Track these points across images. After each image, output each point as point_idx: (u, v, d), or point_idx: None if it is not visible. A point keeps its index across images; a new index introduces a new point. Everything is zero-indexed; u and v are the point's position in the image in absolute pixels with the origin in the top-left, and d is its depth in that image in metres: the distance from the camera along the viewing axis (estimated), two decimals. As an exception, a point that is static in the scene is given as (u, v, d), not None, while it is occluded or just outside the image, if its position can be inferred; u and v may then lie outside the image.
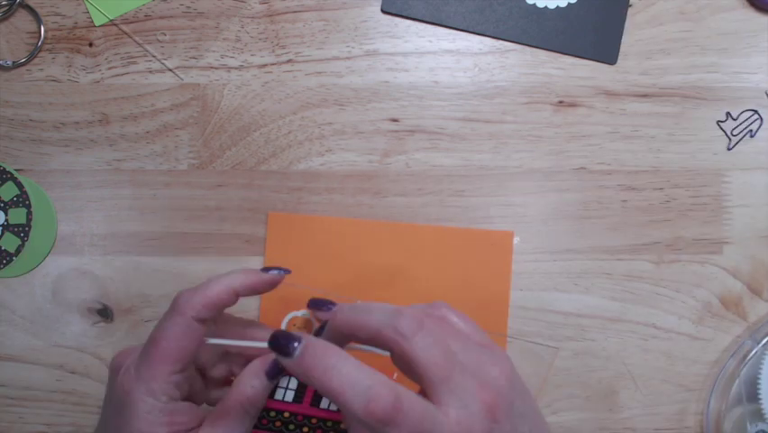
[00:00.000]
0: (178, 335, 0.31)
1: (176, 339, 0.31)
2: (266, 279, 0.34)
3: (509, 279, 0.46)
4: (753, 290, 0.47)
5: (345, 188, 0.46)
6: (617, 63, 0.47)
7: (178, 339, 0.31)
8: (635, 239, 0.47)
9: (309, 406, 0.34)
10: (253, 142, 0.46)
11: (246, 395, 0.32)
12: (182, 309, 0.32)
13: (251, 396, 0.32)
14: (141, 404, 0.31)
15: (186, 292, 0.32)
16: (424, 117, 0.46)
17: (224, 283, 0.33)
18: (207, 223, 0.46)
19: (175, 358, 0.31)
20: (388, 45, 0.46)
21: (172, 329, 0.31)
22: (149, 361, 0.31)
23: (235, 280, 0.33)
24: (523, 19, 0.46)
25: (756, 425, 0.45)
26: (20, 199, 0.46)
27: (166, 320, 0.32)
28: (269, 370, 0.32)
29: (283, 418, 0.34)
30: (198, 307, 0.32)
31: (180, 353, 0.31)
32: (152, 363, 0.31)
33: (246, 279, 0.33)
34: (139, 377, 0.31)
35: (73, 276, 0.46)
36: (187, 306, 0.32)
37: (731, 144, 0.47)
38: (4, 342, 0.46)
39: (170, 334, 0.31)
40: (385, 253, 0.46)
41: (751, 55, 0.47)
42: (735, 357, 0.46)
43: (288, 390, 0.34)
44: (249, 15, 0.46)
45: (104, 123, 0.46)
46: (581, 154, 0.47)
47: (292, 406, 0.34)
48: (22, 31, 0.46)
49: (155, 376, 0.31)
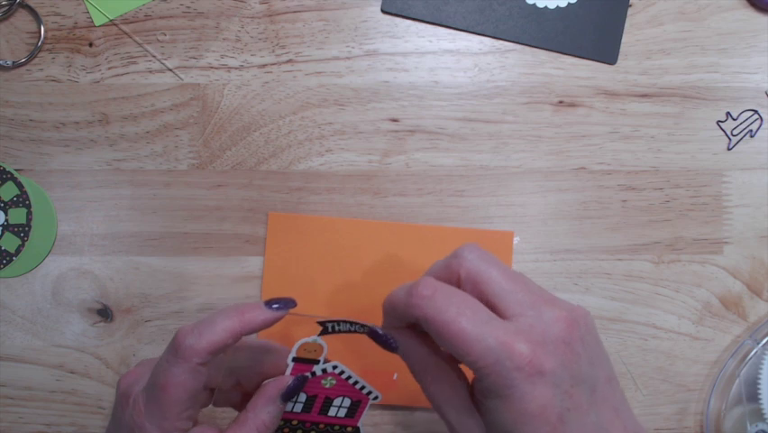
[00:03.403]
0: (185, 381, 0.31)
1: (183, 385, 0.31)
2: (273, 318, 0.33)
3: (509, 279, 0.46)
4: (753, 290, 0.47)
5: (345, 188, 0.46)
6: (617, 63, 0.47)
7: (185, 385, 0.31)
8: (635, 239, 0.47)
9: (318, 414, 0.34)
10: (253, 142, 0.46)
11: (263, 421, 0.32)
12: (187, 356, 0.31)
13: (267, 422, 0.32)
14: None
15: (189, 336, 0.31)
16: (424, 117, 0.46)
17: (230, 328, 0.31)
18: (207, 223, 0.46)
19: (184, 400, 0.31)
20: (388, 45, 0.46)
21: (179, 376, 0.31)
22: (159, 403, 0.31)
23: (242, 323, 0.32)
24: (523, 19, 0.46)
25: (756, 425, 0.45)
26: (20, 199, 0.46)
27: (171, 364, 0.31)
28: (285, 394, 0.32)
29: (291, 425, 0.35)
30: (203, 354, 0.31)
31: (189, 395, 0.31)
32: (163, 407, 0.31)
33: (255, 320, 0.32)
34: (151, 415, 0.31)
35: (73, 276, 0.46)
36: (191, 352, 0.31)
37: (731, 144, 0.47)
38: (4, 342, 0.46)
39: (177, 381, 0.31)
40: (385, 253, 0.46)
41: (751, 55, 0.47)
42: (735, 357, 0.46)
43: (297, 403, 0.34)
44: (249, 15, 0.46)
45: (104, 123, 0.46)
46: (581, 154, 0.47)
47: (301, 415, 0.34)
48: (22, 31, 0.46)
49: (166, 417, 0.31)
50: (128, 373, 0.34)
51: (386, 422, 0.46)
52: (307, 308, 0.45)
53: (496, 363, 0.27)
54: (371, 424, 0.46)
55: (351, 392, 0.34)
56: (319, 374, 0.33)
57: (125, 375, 0.34)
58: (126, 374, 0.34)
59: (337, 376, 0.33)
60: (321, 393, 0.34)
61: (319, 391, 0.34)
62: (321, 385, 0.33)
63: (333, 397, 0.34)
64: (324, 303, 0.45)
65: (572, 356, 0.29)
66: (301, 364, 0.33)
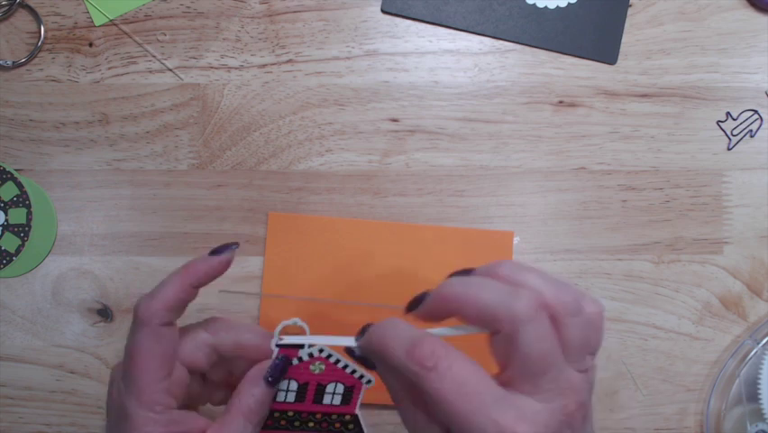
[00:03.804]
0: (150, 345, 0.31)
1: (149, 350, 0.31)
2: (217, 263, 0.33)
3: (509, 279, 0.46)
4: (753, 290, 0.47)
5: (345, 188, 0.46)
6: (617, 63, 0.47)
7: (151, 349, 0.31)
8: (635, 239, 0.47)
9: (312, 403, 0.34)
10: (253, 142, 0.46)
11: (248, 404, 0.32)
12: (145, 320, 0.31)
13: (252, 405, 0.32)
14: (137, 418, 0.30)
15: (144, 301, 0.32)
16: (424, 117, 0.46)
17: (178, 281, 0.32)
18: (207, 223, 0.46)
19: (154, 367, 0.31)
20: (388, 45, 0.46)
21: (142, 342, 0.31)
22: (131, 376, 0.31)
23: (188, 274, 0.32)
24: (523, 19, 0.46)
25: (756, 425, 0.45)
26: (20, 199, 0.46)
27: (133, 333, 0.32)
28: (266, 376, 0.32)
29: (287, 416, 0.34)
30: (160, 313, 0.31)
31: (158, 361, 0.31)
32: (135, 378, 0.31)
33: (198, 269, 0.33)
34: (128, 391, 0.31)
35: (73, 276, 0.46)
36: (148, 315, 0.31)
37: (731, 144, 0.47)
38: (4, 342, 0.46)
39: (142, 347, 0.31)
40: (385, 253, 0.46)
41: (751, 55, 0.47)
42: (735, 357, 0.46)
43: (289, 391, 0.34)
44: (249, 15, 0.46)
45: (104, 123, 0.46)
46: (581, 154, 0.47)
47: (295, 405, 0.34)
48: (22, 31, 0.46)
49: (142, 389, 0.31)
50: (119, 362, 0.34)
51: (386, 422, 0.46)
52: (307, 307, 0.45)
53: None
54: (371, 424, 0.46)
55: (342, 377, 0.34)
56: (306, 359, 0.33)
57: (117, 364, 0.34)
58: (118, 363, 0.34)
59: (325, 360, 0.33)
60: (312, 380, 0.33)
61: (309, 378, 0.33)
62: (310, 371, 0.33)
63: (324, 383, 0.34)
64: (323, 303, 0.45)
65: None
66: (287, 350, 0.33)
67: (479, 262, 0.46)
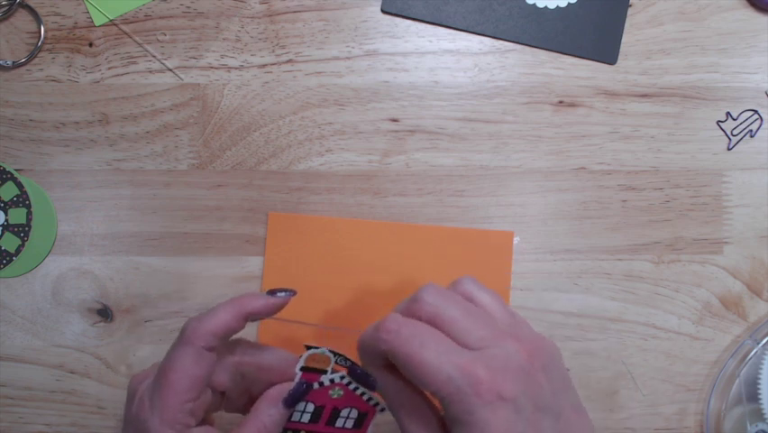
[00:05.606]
0: (188, 365, 0.32)
1: (186, 370, 0.31)
2: (273, 303, 0.34)
3: (509, 279, 0.46)
4: (753, 290, 0.47)
5: (345, 188, 0.46)
6: (617, 63, 0.47)
7: (188, 370, 0.32)
8: (635, 239, 0.47)
9: (325, 425, 0.34)
10: (253, 142, 0.46)
11: (263, 423, 0.32)
12: (191, 339, 0.32)
13: (267, 424, 0.32)
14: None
15: (193, 321, 0.32)
16: (424, 117, 0.46)
17: (232, 311, 0.33)
18: (207, 223, 0.46)
19: (186, 388, 0.31)
20: (388, 45, 0.46)
21: (182, 360, 0.32)
22: (161, 392, 0.31)
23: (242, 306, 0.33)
24: (523, 19, 0.46)
25: (756, 425, 0.45)
26: (20, 199, 0.46)
27: (175, 350, 0.32)
28: (286, 399, 0.33)
29: None
30: (207, 336, 0.32)
31: (191, 382, 0.32)
32: (164, 395, 0.31)
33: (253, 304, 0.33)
34: (153, 406, 0.31)
35: (73, 276, 0.46)
36: (195, 336, 0.32)
37: (731, 144, 0.47)
38: (4, 342, 0.46)
39: (180, 365, 0.32)
40: (385, 253, 0.46)
41: (751, 55, 0.47)
42: (735, 357, 0.46)
43: (305, 413, 0.34)
44: (249, 15, 0.46)
45: (104, 123, 0.46)
46: (581, 154, 0.47)
47: (309, 426, 0.34)
48: (22, 31, 0.46)
49: (168, 406, 0.31)
50: (139, 373, 0.35)
51: (386, 422, 0.46)
52: (307, 307, 0.45)
53: (457, 390, 0.28)
54: (371, 425, 0.46)
55: (358, 403, 0.34)
56: (327, 385, 0.33)
57: (136, 375, 0.35)
58: (137, 374, 0.35)
59: (345, 387, 0.33)
60: (328, 404, 0.34)
61: (327, 402, 0.34)
62: (328, 396, 0.34)
63: (340, 408, 0.34)
64: (324, 303, 0.45)
65: (534, 385, 0.29)
66: (309, 374, 0.33)
67: (479, 263, 0.46)
